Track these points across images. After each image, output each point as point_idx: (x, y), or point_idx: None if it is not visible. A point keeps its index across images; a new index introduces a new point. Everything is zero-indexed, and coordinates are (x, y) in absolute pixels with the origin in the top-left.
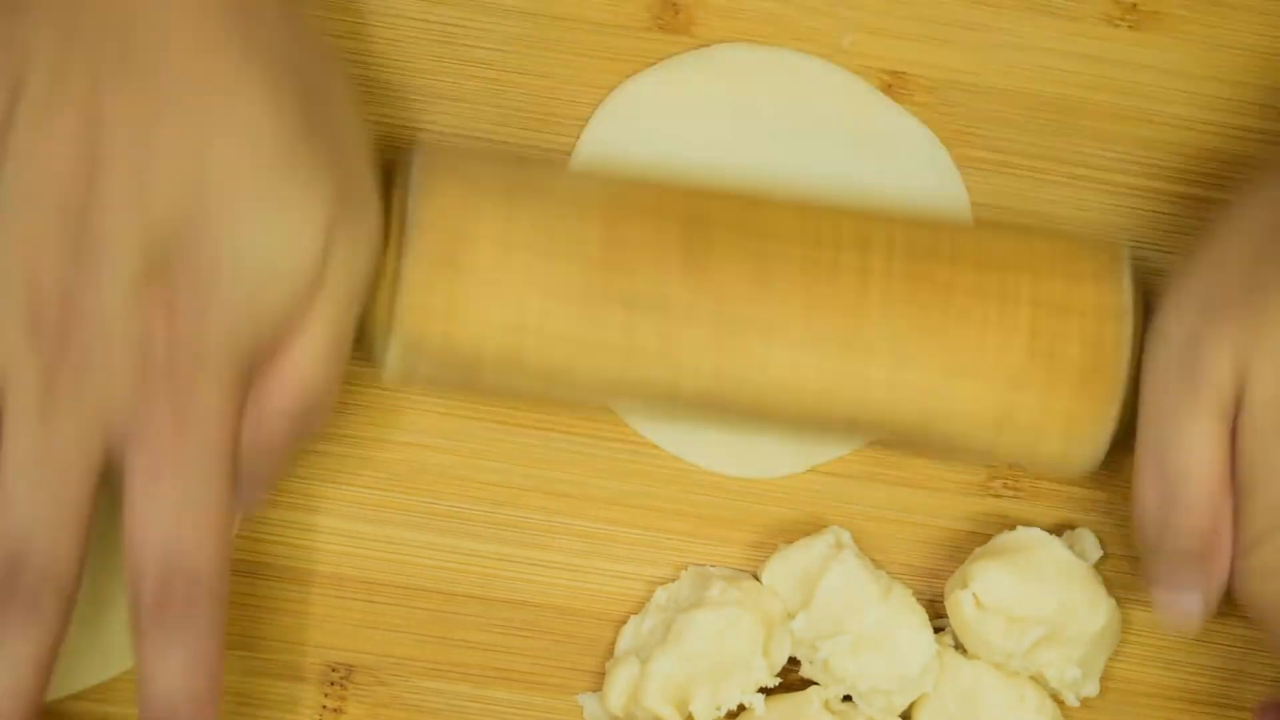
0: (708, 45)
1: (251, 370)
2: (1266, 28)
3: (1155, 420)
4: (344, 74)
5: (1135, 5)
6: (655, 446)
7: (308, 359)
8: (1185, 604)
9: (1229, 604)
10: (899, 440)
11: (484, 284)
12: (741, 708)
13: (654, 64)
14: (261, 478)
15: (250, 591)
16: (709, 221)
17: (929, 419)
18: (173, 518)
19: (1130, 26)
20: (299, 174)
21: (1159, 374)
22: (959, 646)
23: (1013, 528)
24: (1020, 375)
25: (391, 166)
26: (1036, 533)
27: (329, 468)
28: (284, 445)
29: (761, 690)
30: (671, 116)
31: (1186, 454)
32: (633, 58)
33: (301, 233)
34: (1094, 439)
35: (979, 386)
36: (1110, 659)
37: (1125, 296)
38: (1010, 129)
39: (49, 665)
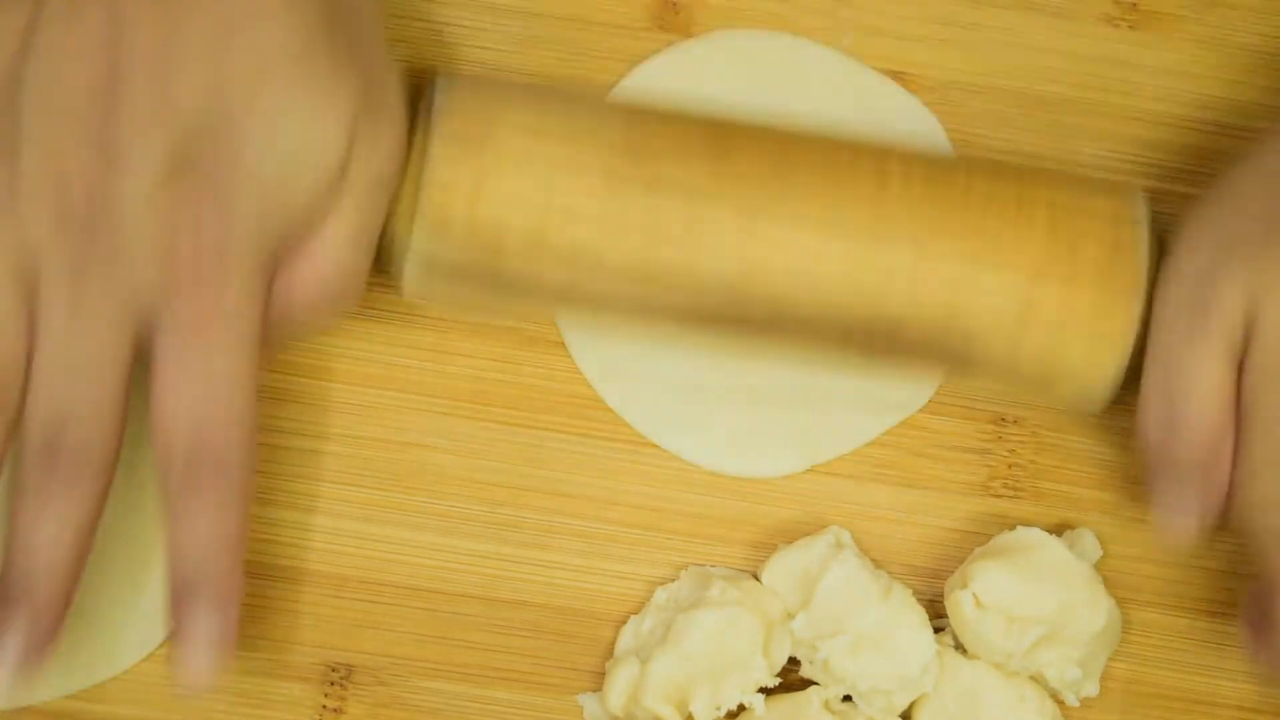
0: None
1: (276, 260)
2: (1266, 28)
3: (1165, 348)
4: None
5: (1135, 5)
6: (655, 446)
7: (331, 250)
8: (1181, 523)
9: (1229, 604)
10: (919, 347)
11: (509, 163)
12: (741, 708)
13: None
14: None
15: (250, 591)
16: (731, 127)
17: (952, 312)
18: (200, 397)
19: (1130, 26)
20: (322, 70)
21: (1171, 306)
22: (959, 646)
23: (1013, 528)
24: (1041, 268)
25: (416, 91)
26: (1036, 533)
27: (329, 468)
28: (305, 330)
29: (761, 690)
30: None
31: (1193, 381)
32: (632, 57)
33: (325, 127)
34: (1119, 338)
35: (1001, 278)
36: (1110, 659)
37: (1140, 209)
38: (1010, 129)
39: (89, 536)
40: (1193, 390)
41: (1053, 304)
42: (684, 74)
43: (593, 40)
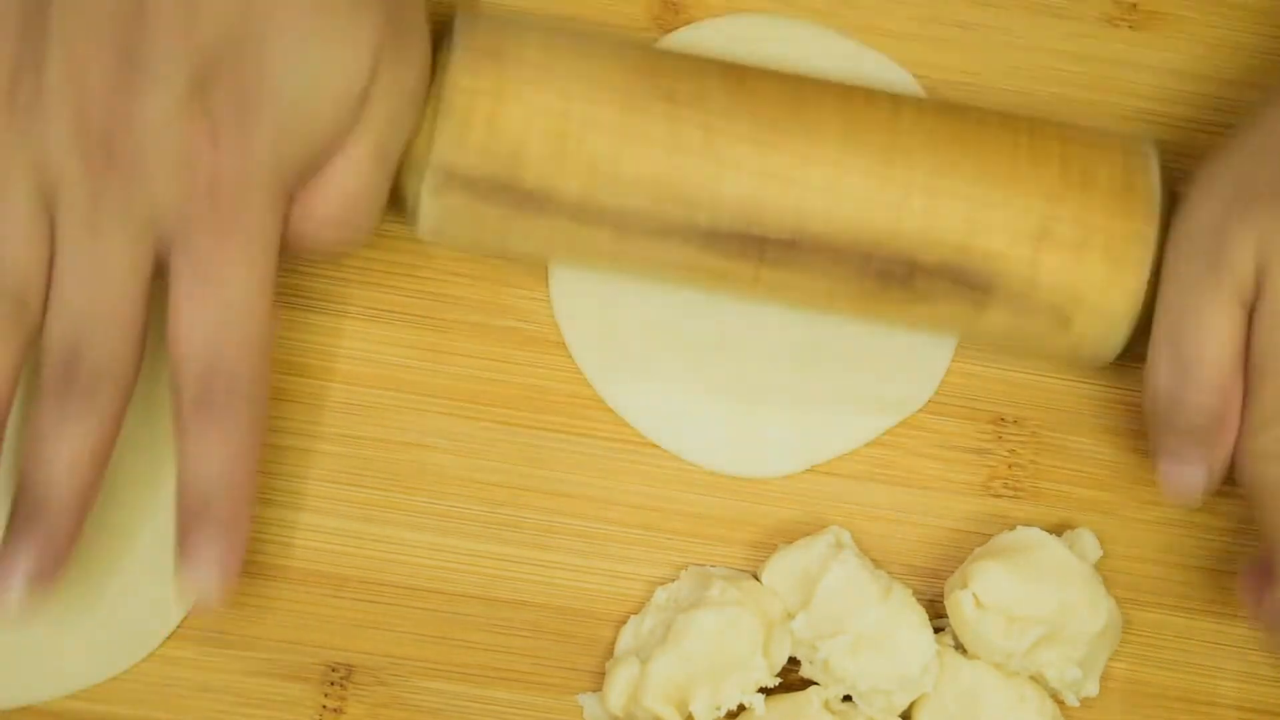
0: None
1: (296, 184)
2: (1266, 28)
3: (1175, 298)
4: None
5: (1135, 5)
6: (656, 446)
7: (352, 172)
8: (1188, 477)
9: (1229, 604)
10: (938, 273)
11: (529, 71)
12: (741, 708)
13: None
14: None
15: (250, 591)
16: (746, 65)
17: (970, 229)
18: (216, 320)
19: (1130, 26)
20: (346, 7)
21: (1182, 255)
22: (959, 646)
23: (1013, 528)
24: (1057, 191)
25: (439, 28)
26: (1036, 533)
27: (329, 468)
28: (324, 251)
29: (761, 690)
30: None
31: (1202, 333)
32: None
33: (348, 51)
34: (1136, 264)
35: (1018, 197)
36: (1110, 659)
37: (1150, 149)
38: None
39: (105, 455)
40: (1203, 340)
41: (1070, 224)
42: None
43: None
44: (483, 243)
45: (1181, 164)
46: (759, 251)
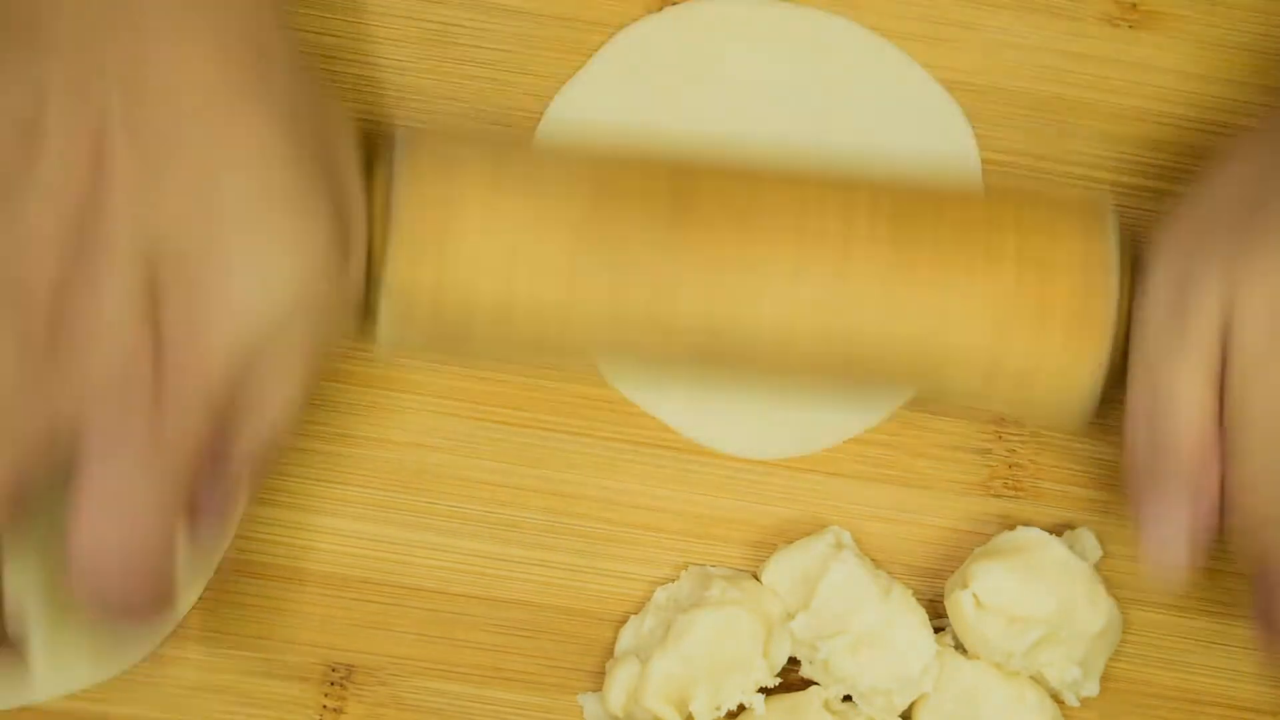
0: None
1: (229, 398)
2: (1266, 28)
3: (1145, 360)
4: (340, 105)
5: (1135, 5)
6: (656, 446)
7: (284, 392)
8: (1171, 540)
9: (1229, 604)
10: (895, 380)
11: (469, 260)
12: (741, 708)
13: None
14: (226, 497)
15: (250, 591)
16: (695, 172)
17: (924, 350)
18: (118, 521)
19: (1130, 26)
20: (301, 212)
21: (1148, 315)
22: (959, 646)
23: (1013, 528)
24: (1009, 319)
25: (373, 152)
26: (1036, 533)
27: (329, 468)
28: (249, 467)
29: (761, 690)
30: (658, 71)
31: (1174, 398)
32: None
33: (298, 270)
34: (1084, 386)
35: (970, 328)
36: (1110, 659)
37: (1110, 249)
38: (1010, 129)
39: None
40: (1174, 406)
41: (1019, 360)
42: (673, 40)
43: (593, 41)
44: (447, 358)
45: (1181, 164)
46: (714, 367)
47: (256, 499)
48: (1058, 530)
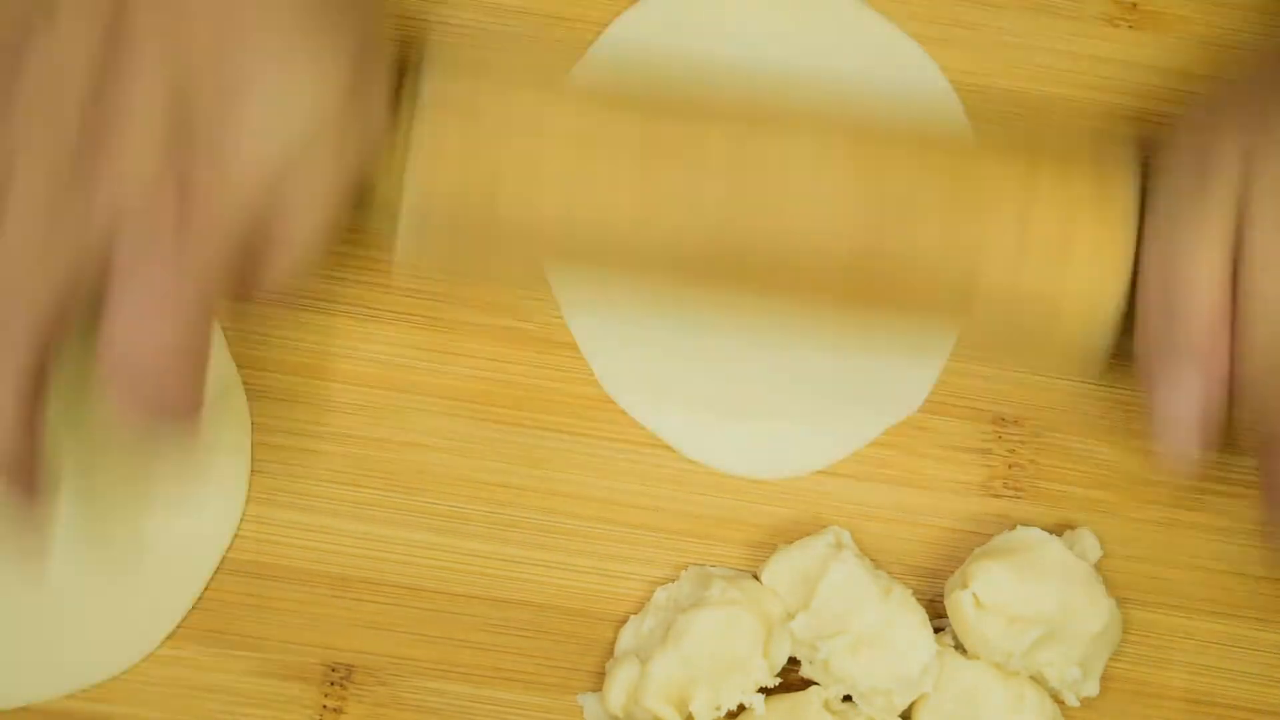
0: None
1: (254, 221)
2: (1267, 27)
3: (1160, 232)
4: None
5: (1135, 5)
6: (655, 446)
7: (309, 217)
8: (1183, 407)
9: (1229, 604)
10: (923, 274)
11: (503, 91)
12: (741, 708)
13: None
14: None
15: (250, 591)
16: (716, 105)
17: (951, 228)
18: (149, 328)
19: (1130, 26)
20: (321, 41)
21: (1165, 188)
22: (959, 646)
23: (1013, 528)
24: (1029, 250)
25: (404, 59)
26: (1036, 533)
27: (329, 467)
28: (274, 289)
29: (761, 690)
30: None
31: (1190, 262)
32: None
33: (319, 96)
34: (1106, 313)
35: (999, 196)
36: (1110, 659)
37: (1129, 176)
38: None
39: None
40: (1188, 275)
41: (1043, 276)
42: (670, 22)
43: (593, 40)
44: (463, 271)
45: None
46: (737, 263)
47: (257, 499)
48: (1058, 530)
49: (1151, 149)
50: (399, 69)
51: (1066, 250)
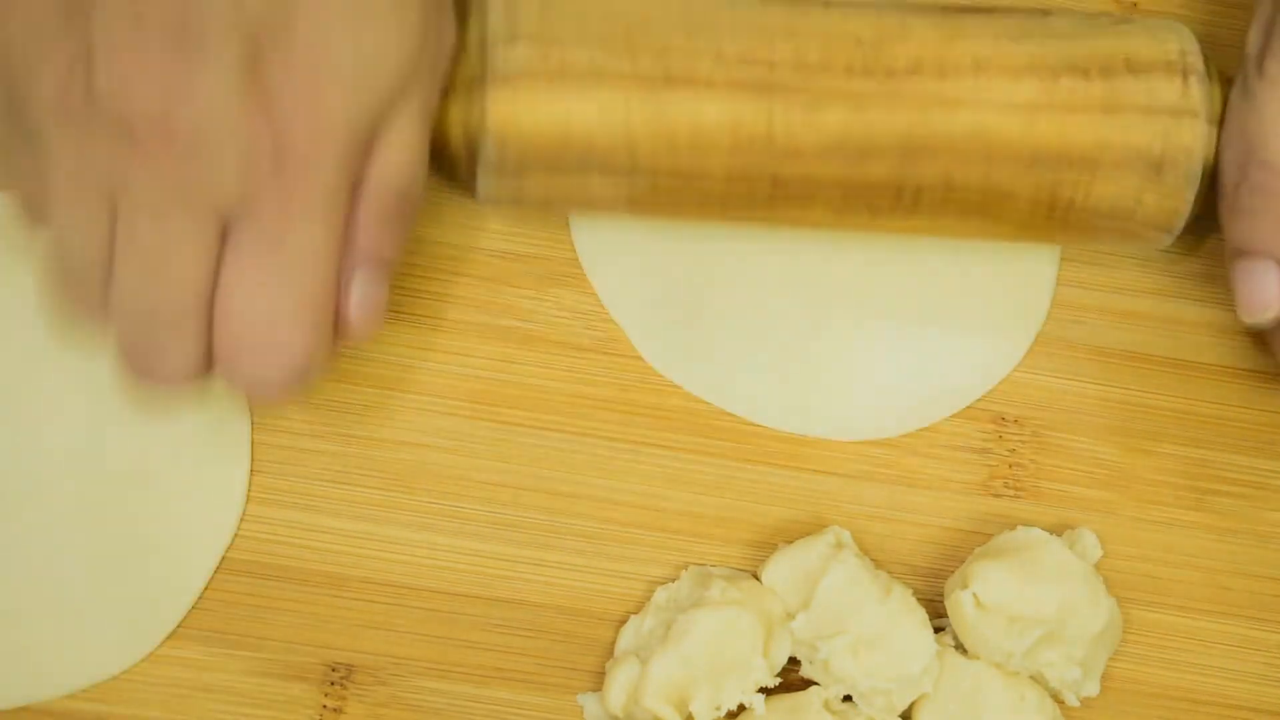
0: None
1: (353, 160)
2: None
3: (1240, 88)
4: None
5: (1135, 5)
6: (655, 446)
7: (404, 145)
8: (1261, 282)
9: (1229, 604)
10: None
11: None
12: (741, 708)
13: None
14: (378, 256)
15: (250, 591)
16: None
17: (1029, 164)
18: (269, 316)
19: None
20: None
21: (1242, 68)
22: (959, 646)
23: (1013, 528)
24: (1112, 122)
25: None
26: (1036, 533)
27: (329, 468)
28: (393, 224)
29: (761, 690)
30: None
31: (1267, 133)
32: None
33: (396, 29)
34: (1185, 178)
35: (1075, 133)
36: (1110, 659)
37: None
38: None
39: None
40: (1267, 140)
41: (1124, 145)
42: None
43: None
44: (546, 203)
45: None
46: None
47: (256, 499)
48: (1058, 530)
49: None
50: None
51: (1143, 113)
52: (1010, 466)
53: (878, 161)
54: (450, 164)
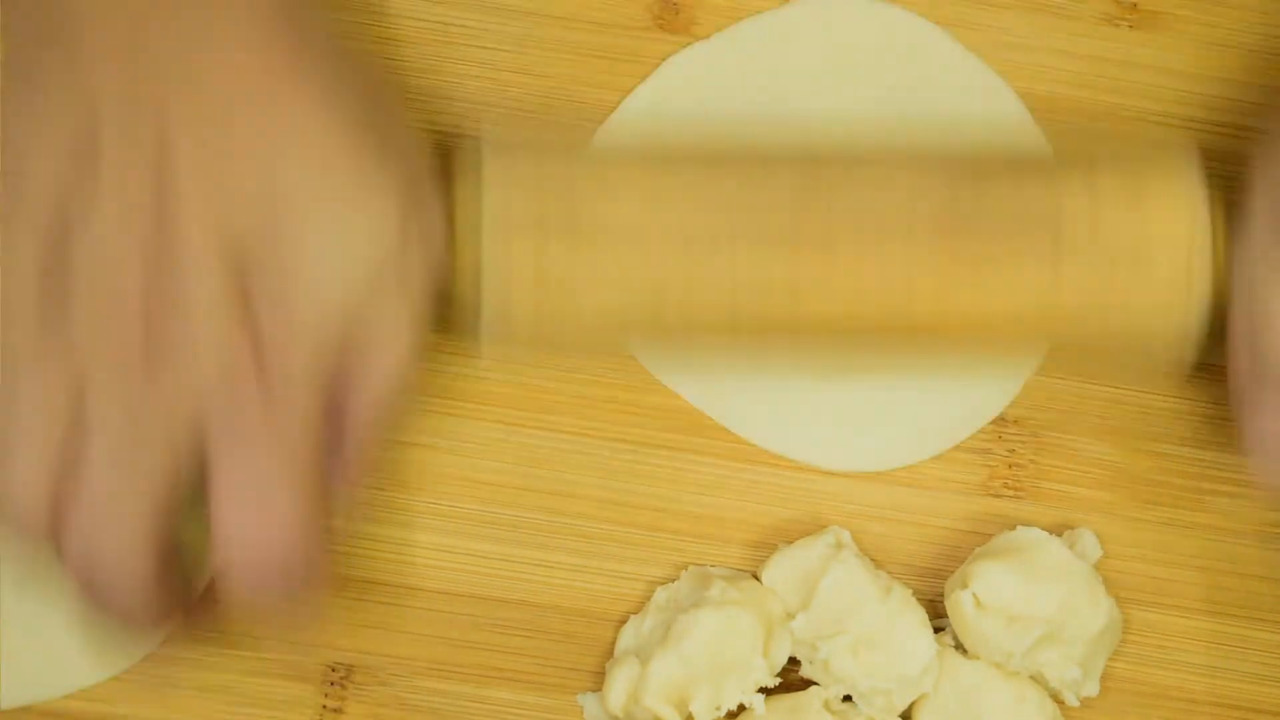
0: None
1: (336, 369)
2: (1266, 27)
3: (1249, 278)
4: (386, 73)
5: (1135, 5)
6: (655, 446)
7: (391, 352)
8: (1276, 450)
9: (1229, 604)
10: (1004, 256)
11: (571, 241)
12: (741, 708)
13: (655, 65)
14: (356, 465)
15: None
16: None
17: (1026, 206)
18: (261, 522)
19: (1130, 26)
20: (367, 177)
21: (1249, 241)
22: (959, 646)
23: (1013, 528)
24: (1113, 267)
25: (448, 159)
26: (1036, 533)
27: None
28: (373, 431)
29: (761, 690)
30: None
31: (1276, 307)
32: (633, 58)
33: (376, 231)
34: (1189, 322)
35: (1070, 208)
36: (1110, 659)
37: (1197, 186)
38: None
39: (156, 621)
40: (1275, 321)
41: (1127, 292)
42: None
43: (593, 40)
44: (550, 349)
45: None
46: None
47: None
48: (1058, 530)
49: (1219, 158)
50: (445, 178)
51: (1142, 251)
52: (1010, 467)
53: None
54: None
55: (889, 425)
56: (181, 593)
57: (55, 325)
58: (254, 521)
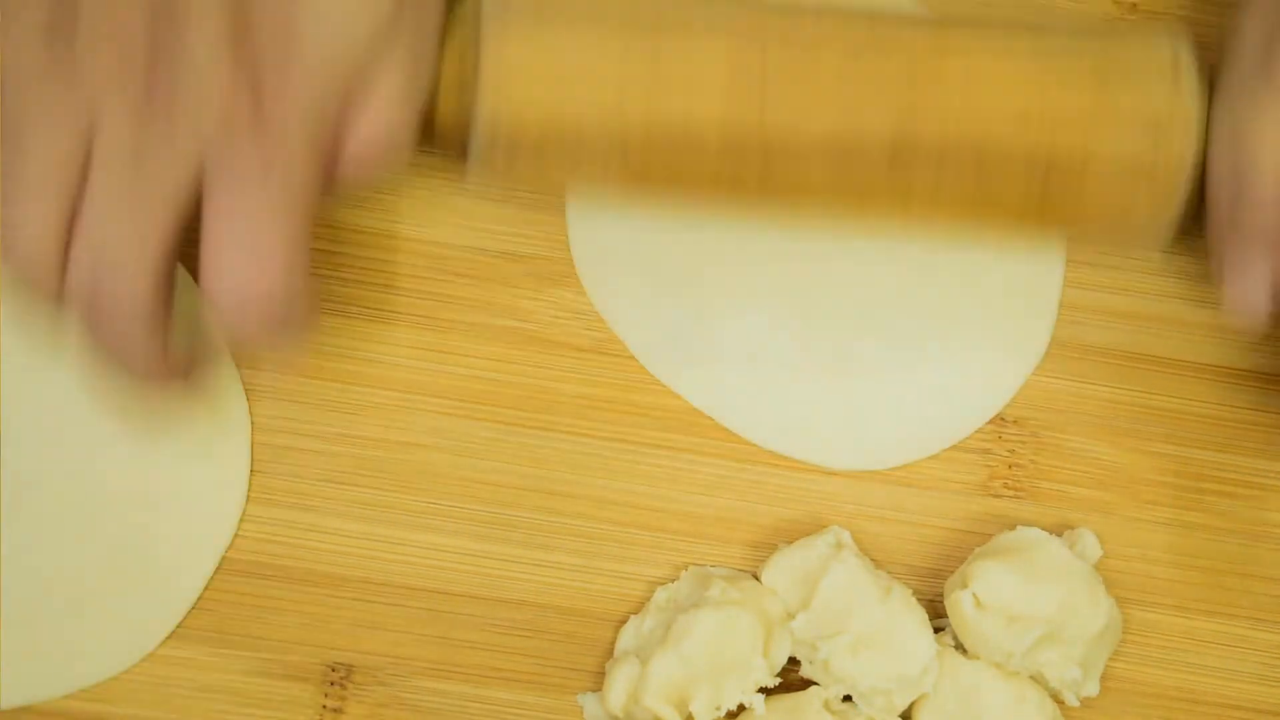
0: None
1: (332, 119)
2: None
3: (1230, 112)
4: None
5: (1135, 5)
6: (655, 446)
7: (384, 104)
8: (1252, 290)
9: (1229, 604)
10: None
11: (565, 65)
12: (741, 708)
13: None
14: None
15: (250, 591)
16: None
17: (1023, 164)
18: (250, 258)
19: None
20: None
21: (1235, 68)
22: (959, 646)
23: (1013, 528)
24: (1099, 124)
25: None
26: (1036, 533)
27: (329, 467)
28: (361, 184)
29: (761, 690)
30: None
31: (1258, 145)
32: None
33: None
34: (1174, 189)
35: (1068, 133)
36: (1110, 659)
37: (1188, 60)
38: None
39: (158, 368)
40: (1261, 157)
41: (1114, 150)
42: None
43: None
44: (537, 181)
45: None
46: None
47: (256, 499)
48: (1058, 530)
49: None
50: None
51: (1129, 65)
52: (1010, 467)
53: (872, 116)
54: (442, 130)
55: (889, 425)
56: (181, 357)
57: (63, 67)
58: (244, 255)
